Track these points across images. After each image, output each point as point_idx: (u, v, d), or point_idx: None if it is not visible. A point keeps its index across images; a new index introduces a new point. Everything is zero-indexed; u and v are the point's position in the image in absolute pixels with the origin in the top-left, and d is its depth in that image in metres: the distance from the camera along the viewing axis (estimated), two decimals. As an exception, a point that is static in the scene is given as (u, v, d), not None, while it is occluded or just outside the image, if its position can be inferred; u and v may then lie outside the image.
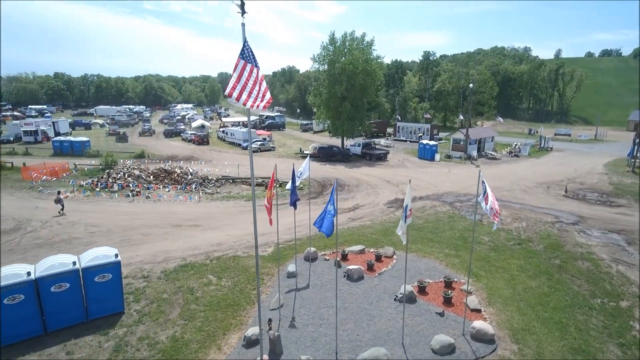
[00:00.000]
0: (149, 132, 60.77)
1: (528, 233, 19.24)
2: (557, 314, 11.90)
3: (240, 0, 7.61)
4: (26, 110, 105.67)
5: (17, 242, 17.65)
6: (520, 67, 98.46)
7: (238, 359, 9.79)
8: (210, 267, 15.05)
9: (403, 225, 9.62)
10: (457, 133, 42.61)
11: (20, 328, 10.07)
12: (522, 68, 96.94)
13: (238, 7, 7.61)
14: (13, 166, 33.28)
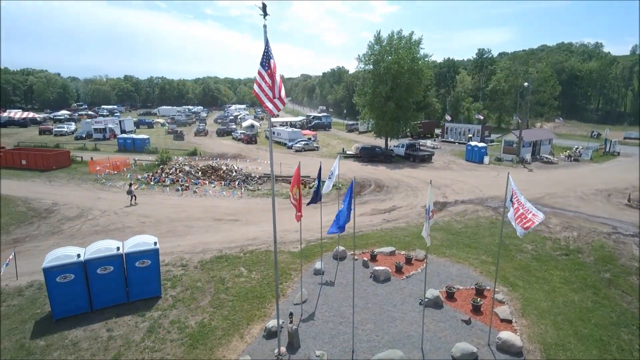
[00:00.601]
0: (203, 132, 63.82)
1: (578, 243, 17.82)
2: (599, 331, 10.98)
3: (262, 3, 7.96)
4: (99, 110, 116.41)
5: (78, 229, 19.64)
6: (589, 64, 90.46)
7: (258, 349, 10.20)
8: (242, 260, 15.73)
9: (427, 227, 9.46)
10: (510, 135, 40.26)
11: (70, 304, 11.28)
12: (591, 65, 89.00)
13: (260, 9, 7.96)
14: (82, 160, 36.88)
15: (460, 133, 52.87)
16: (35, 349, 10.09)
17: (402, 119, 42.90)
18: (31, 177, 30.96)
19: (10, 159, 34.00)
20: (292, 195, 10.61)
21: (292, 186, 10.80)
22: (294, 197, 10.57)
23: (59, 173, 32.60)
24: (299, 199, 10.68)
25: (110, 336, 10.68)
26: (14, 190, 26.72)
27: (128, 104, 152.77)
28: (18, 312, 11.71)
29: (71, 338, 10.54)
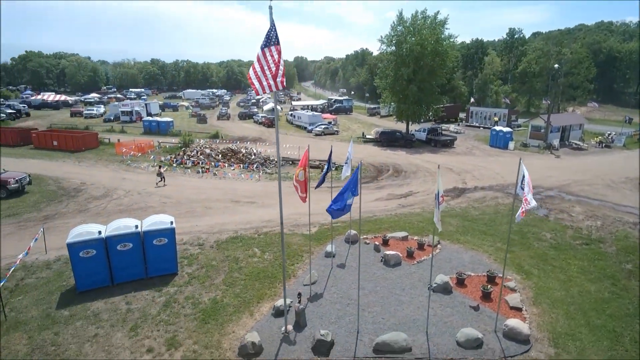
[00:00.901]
0: (226, 116, 64.04)
1: (601, 233, 17.22)
2: (612, 323, 10.71)
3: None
4: (127, 93, 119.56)
5: (104, 207, 20.56)
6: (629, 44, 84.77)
7: (266, 326, 10.55)
8: (257, 241, 16.12)
9: (437, 213, 9.39)
10: (537, 119, 38.67)
11: (93, 278, 11.96)
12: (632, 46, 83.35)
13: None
14: (110, 142, 38.24)
15: (486, 117, 51.20)
16: (59, 318, 10.82)
17: (424, 102, 41.95)
18: (62, 158, 32.43)
19: (43, 140, 35.65)
20: (296, 176, 10.64)
21: (299, 167, 10.86)
22: (298, 178, 10.62)
23: (88, 154, 33.99)
24: (304, 180, 10.74)
25: (128, 309, 11.30)
26: (46, 169, 28.12)
27: (155, 87, 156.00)
28: (45, 284, 12.53)
29: (93, 309, 11.23)
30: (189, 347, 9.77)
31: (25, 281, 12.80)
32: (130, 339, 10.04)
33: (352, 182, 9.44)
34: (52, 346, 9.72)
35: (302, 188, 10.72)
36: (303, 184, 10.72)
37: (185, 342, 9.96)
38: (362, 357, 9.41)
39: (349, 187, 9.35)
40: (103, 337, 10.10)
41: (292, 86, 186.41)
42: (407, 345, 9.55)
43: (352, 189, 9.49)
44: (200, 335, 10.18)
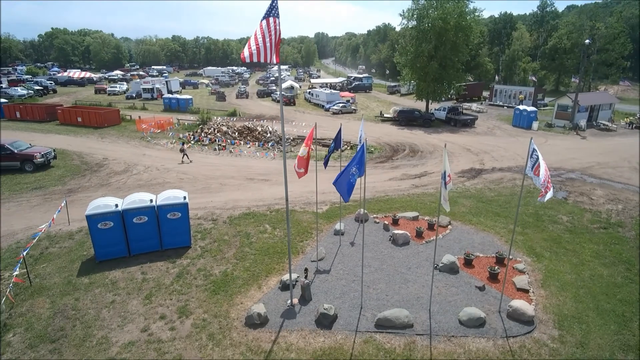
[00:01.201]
0: (245, 94, 63.23)
1: (621, 217, 16.68)
2: (622, 307, 10.52)
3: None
4: (149, 70, 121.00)
5: (124, 182, 21.28)
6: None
7: (272, 298, 10.91)
8: (268, 218, 16.43)
9: (444, 192, 9.30)
10: (564, 98, 36.98)
11: (111, 248, 12.57)
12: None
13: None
14: (131, 119, 39.11)
15: (510, 96, 49.36)
16: (80, 285, 11.50)
17: (445, 80, 40.72)
18: (86, 134, 33.50)
19: (68, 116, 36.81)
20: (304, 155, 10.70)
21: (303, 145, 10.91)
22: (300, 155, 10.66)
23: (110, 130, 34.95)
24: (306, 158, 10.76)
25: (144, 278, 11.87)
26: (70, 145, 29.18)
27: (176, 65, 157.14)
28: (68, 253, 13.26)
29: (111, 278, 11.85)
30: (198, 315, 10.25)
31: (49, 250, 13.58)
32: (144, 306, 10.60)
33: (357, 161, 9.41)
34: (72, 310, 10.39)
35: (300, 164, 10.73)
36: (303, 161, 10.73)
37: (195, 311, 10.44)
38: (364, 331, 9.64)
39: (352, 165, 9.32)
40: (120, 304, 10.69)
41: (312, 63, 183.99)
42: (408, 321, 9.71)
43: (358, 166, 9.47)
44: (210, 305, 10.64)
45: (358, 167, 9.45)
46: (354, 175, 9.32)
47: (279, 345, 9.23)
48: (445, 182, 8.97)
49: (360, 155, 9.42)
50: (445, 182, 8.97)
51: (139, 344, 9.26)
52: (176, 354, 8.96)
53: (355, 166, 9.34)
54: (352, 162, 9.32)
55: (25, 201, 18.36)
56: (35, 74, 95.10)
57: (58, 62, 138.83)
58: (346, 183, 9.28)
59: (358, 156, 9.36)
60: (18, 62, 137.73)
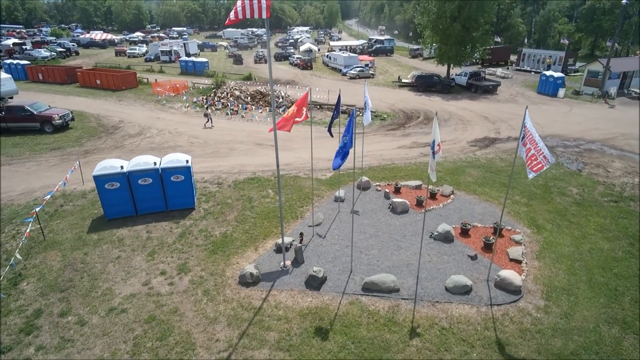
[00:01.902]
0: (263, 58, 60.08)
1: (635, 191, 16.07)
2: (616, 281, 10.41)
3: None
4: (169, 32, 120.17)
5: (137, 145, 21.90)
6: None
7: (267, 260, 11.35)
8: (272, 183, 16.71)
9: (432, 162, 9.19)
10: (595, 64, 34.66)
11: (118, 208, 13.21)
12: None
13: None
14: (148, 82, 39.47)
15: (539, 61, 46.65)
16: (89, 241, 12.25)
17: (469, 43, 38.70)
18: (104, 96, 34.21)
19: (87, 78, 37.53)
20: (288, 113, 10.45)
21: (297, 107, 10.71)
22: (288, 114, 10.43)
23: (127, 93, 35.53)
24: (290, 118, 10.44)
25: (148, 237, 12.51)
26: (89, 107, 29.96)
27: (196, 26, 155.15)
28: (80, 211, 14.04)
29: (118, 235, 12.55)
30: (196, 273, 10.82)
31: (63, 207, 14.40)
32: (147, 262, 11.26)
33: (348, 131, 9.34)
34: (81, 264, 11.16)
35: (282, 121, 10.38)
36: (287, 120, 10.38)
37: (194, 268, 11.01)
38: (351, 293, 9.98)
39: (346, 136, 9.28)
40: (124, 259, 11.39)
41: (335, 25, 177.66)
42: (394, 286, 9.96)
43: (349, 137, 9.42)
44: (207, 264, 11.19)
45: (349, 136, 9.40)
46: (347, 144, 9.28)
47: (269, 302, 9.71)
48: (433, 152, 8.84)
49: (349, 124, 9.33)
50: (433, 152, 8.84)
51: (140, 296, 9.94)
52: (173, 307, 9.59)
53: (347, 135, 9.29)
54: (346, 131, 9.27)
55: (44, 161, 19.28)
56: (59, 36, 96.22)
57: (81, 23, 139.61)
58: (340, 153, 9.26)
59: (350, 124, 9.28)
60: (43, 24, 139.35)
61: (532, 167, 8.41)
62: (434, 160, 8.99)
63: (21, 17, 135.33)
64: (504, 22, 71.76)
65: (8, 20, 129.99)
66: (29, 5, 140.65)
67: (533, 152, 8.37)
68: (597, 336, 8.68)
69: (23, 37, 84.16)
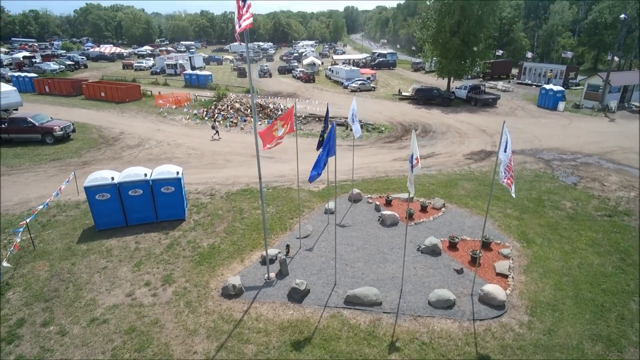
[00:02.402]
0: (268, 73, 59.48)
1: (631, 205, 15.88)
2: (603, 297, 10.23)
3: None
4: (177, 46, 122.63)
5: (135, 156, 22.20)
6: None
7: (252, 272, 11.35)
8: (265, 195, 16.78)
9: (410, 175, 9.24)
10: (595, 78, 34.63)
11: (109, 218, 13.35)
12: None
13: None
14: (152, 94, 40.18)
15: (540, 74, 46.70)
16: (78, 251, 12.37)
17: (468, 57, 38.97)
18: (108, 108, 34.84)
19: (92, 91, 38.29)
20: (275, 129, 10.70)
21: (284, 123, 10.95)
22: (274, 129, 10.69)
23: (131, 105, 36.15)
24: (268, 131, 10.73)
25: (137, 247, 12.60)
26: (92, 118, 30.52)
27: (204, 40, 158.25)
28: (72, 221, 14.21)
29: (107, 245, 12.66)
30: (180, 284, 10.85)
31: (56, 218, 14.59)
32: (133, 273, 11.32)
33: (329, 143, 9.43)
34: (67, 274, 11.25)
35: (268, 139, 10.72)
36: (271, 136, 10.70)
37: (178, 279, 11.05)
38: (333, 306, 9.93)
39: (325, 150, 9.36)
40: (111, 270, 11.47)
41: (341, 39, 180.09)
42: (377, 299, 9.90)
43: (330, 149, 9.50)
44: (192, 275, 11.22)
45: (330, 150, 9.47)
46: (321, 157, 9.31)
47: (250, 315, 9.68)
48: (412, 166, 8.89)
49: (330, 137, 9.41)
50: (412, 166, 8.89)
51: (122, 307, 9.98)
52: (154, 318, 9.61)
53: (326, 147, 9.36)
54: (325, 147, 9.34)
55: (42, 172, 19.61)
56: (69, 49, 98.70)
57: (92, 37, 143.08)
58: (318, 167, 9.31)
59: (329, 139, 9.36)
60: (55, 37, 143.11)
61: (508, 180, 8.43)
62: (412, 173, 9.04)
63: (34, 31, 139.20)
64: (507, 36, 72.20)
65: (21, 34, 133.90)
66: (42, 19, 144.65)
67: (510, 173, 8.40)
68: (579, 353, 8.52)
69: (35, 51, 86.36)
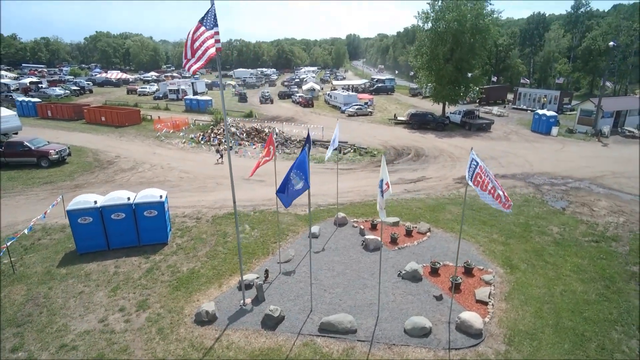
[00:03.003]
0: (269, 99, 59.05)
1: (619, 230, 15.70)
2: (585, 326, 9.98)
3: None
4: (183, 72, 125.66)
5: (128, 179, 22.40)
6: None
7: (228, 297, 11.22)
8: (250, 218, 16.81)
9: (380, 201, 9.24)
10: (587, 103, 35.01)
11: (90, 242, 13.36)
12: None
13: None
14: (151, 118, 40.90)
15: (535, 99, 47.27)
16: (57, 275, 12.32)
17: (462, 83, 39.66)
18: (107, 132, 35.42)
19: (93, 115, 39.07)
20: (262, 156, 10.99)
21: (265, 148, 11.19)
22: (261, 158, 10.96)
23: (130, 129, 36.76)
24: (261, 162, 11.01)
25: (115, 272, 12.54)
26: (90, 142, 30.99)
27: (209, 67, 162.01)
28: (55, 245, 14.22)
29: (86, 270, 12.61)
30: (155, 310, 10.72)
31: (40, 241, 14.61)
32: (108, 298, 11.22)
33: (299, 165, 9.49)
34: (43, 298, 11.17)
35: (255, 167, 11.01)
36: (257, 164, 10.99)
37: (153, 305, 10.92)
38: (307, 334, 9.74)
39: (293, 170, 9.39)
40: (87, 295, 11.38)
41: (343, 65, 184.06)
42: (351, 327, 9.71)
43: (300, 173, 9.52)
44: (168, 301, 11.10)
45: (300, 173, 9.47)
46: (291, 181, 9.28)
47: (221, 342, 9.51)
48: (382, 191, 8.92)
49: (301, 159, 9.47)
50: (382, 191, 8.92)
51: (93, 333, 9.84)
52: (123, 345, 9.45)
53: (294, 171, 9.37)
54: (292, 167, 9.37)
55: (34, 195, 19.79)
56: (77, 75, 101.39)
57: (100, 63, 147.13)
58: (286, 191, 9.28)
59: (298, 161, 9.40)
60: (65, 63, 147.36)
61: (503, 204, 8.36)
62: (383, 199, 9.04)
63: (44, 57, 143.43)
64: (503, 63, 73.58)
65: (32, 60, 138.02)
66: (52, 46, 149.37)
67: (499, 193, 8.35)
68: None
69: (43, 76, 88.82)
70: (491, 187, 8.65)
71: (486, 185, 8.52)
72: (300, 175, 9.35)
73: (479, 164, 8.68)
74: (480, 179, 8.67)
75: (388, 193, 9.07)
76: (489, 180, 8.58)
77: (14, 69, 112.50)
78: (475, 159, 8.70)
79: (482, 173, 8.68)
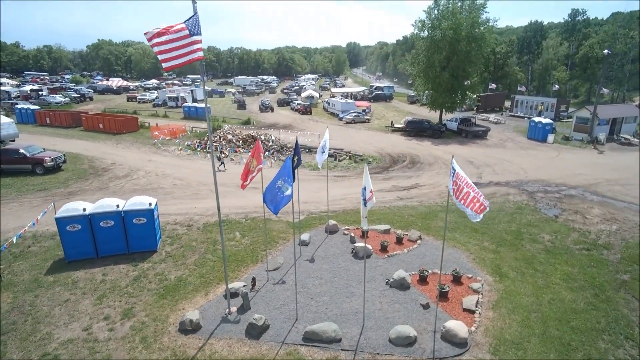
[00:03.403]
0: (269, 108, 57.87)
1: (611, 238, 15.63)
2: (571, 335, 9.89)
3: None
4: (184, 79, 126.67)
5: (122, 187, 22.43)
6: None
7: (214, 306, 11.16)
8: (241, 225, 16.79)
9: (364, 209, 9.23)
10: (583, 110, 35.08)
11: (79, 249, 13.34)
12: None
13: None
14: (149, 125, 41.08)
15: (532, 107, 47.39)
16: (44, 282, 12.29)
17: (458, 90, 39.83)
18: (104, 139, 35.57)
19: (91, 122, 39.27)
20: (250, 165, 11.01)
21: (251, 157, 11.20)
22: (251, 167, 10.98)
23: (127, 137, 36.91)
24: (253, 171, 11.07)
25: (102, 279, 12.50)
26: (87, 149, 31.11)
27: (210, 74, 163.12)
28: (44, 253, 14.20)
29: (73, 278, 12.58)
30: (140, 318, 10.67)
31: (30, 248, 14.60)
32: (94, 306, 11.17)
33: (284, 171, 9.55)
34: (29, 306, 11.13)
35: (244, 177, 11.04)
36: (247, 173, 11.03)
37: (138, 313, 10.87)
38: (291, 343, 9.67)
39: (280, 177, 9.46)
40: (72, 303, 11.34)
41: (343, 72, 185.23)
42: (336, 336, 9.64)
43: (286, 178, 9.59)
44: (153, 309, 11.05)
45: (288, 179, 9.55)
46: (281, 188, 9.40)
47: (204, 352, 9.44)
48: (365, 199, 8.91)
49: (287, 166, 9.53)
50: (365, 199, 8.91)
51: (76, 342, 9.78)
52: (106, 354, 9.39)
53: (282, 179, 9.45)
54: (279, 174, 9.44)
55: (27, 202, 19.82)
56: (78, 82, 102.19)
57: (102, 71, 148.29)
58: (274, 198, 9.39)
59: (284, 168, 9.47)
60: (67, 71, 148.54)
61: (477, 209, 8.34)
62: (366, 208, 9.03)
63: (47, 65, 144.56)
64: (501, 70, 73.92)
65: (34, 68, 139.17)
66: (55, 54, 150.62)
67: (473, 195, 8.35)
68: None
69: (44, 84, 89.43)
70: (465, 193, 8.62)
71: (461, 190, 8.53)
72: (289, 182, 9.42)
73: (455, 172, 8.68)
74: (455, 187, 8.68)
75: (372, 202, 9.05)
76: (463, 186, 8.58)
77: (16, 77, 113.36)
78: (454, 166, 8.70)
79: (457, 180, 8.69)
